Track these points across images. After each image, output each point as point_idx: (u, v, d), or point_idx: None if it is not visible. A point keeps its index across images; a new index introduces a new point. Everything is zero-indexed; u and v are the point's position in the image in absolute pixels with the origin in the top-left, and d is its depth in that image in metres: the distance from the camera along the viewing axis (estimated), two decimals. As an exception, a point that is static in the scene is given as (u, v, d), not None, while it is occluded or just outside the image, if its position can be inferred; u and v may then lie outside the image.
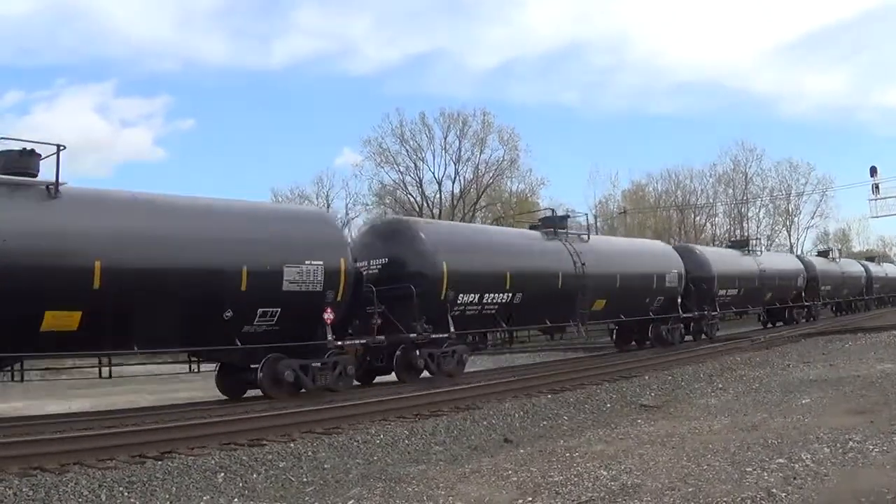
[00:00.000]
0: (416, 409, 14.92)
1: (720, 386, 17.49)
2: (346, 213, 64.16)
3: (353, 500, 8.25)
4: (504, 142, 63.93)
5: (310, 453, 11.00)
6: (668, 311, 29.46)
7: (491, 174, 64.60)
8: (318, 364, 16.94)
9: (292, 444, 11.53)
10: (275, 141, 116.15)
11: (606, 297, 25.68)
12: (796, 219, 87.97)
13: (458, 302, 20.28)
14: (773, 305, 40.82)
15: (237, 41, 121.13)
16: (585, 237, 26.55)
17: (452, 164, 63.53)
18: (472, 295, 20.69)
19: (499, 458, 10.35)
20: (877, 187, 47.54)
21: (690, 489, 7.79)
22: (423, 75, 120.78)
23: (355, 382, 18.77)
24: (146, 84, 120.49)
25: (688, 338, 31.65)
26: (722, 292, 33.25)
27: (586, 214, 37.09)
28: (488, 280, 21.18)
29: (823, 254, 54.70)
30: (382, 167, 63.69)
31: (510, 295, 21.72)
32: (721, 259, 35.03)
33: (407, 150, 63.22)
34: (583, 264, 24.27)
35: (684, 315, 30.24)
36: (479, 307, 21.04)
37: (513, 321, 22.63)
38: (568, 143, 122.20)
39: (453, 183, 63.75)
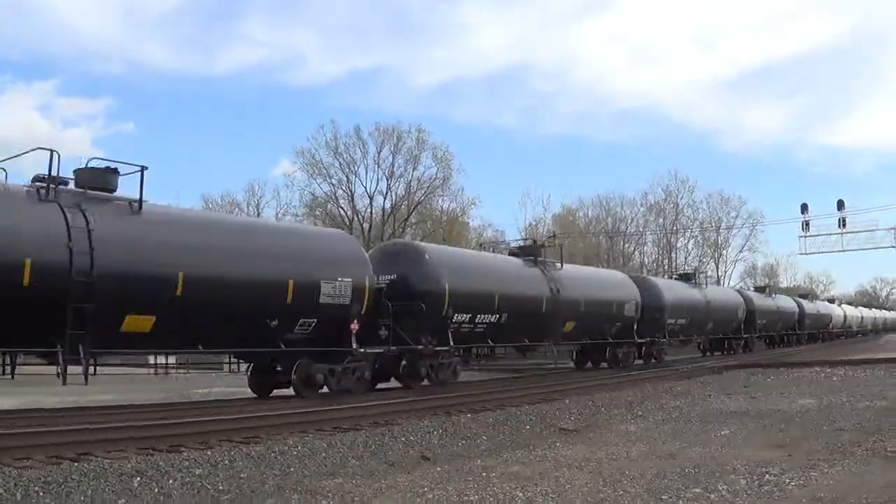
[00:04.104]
0: (336, 422, 14.88)
1: (640, 413, 17.66)
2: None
3: (268, 511, 8.23)
4: (437, 160, 64.15)
5: (227, 462, 10.90)
6: (335, 341, 19.10)
7: (423, 191, 64.69)
8: None
9: (209, 452, 11.43)
10: (213, 148, 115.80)
11: (157, 311, 15.59)
12: (725, 251, 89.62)
13: None
14: (579, 341, 30.21)
15: (183, 47, 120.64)
16: (136, 207, 16.07)
17: (385, 179, 63.56)
18: None
19: (415, 474, 10.37)
20: (807, 224, 48.72)
21: (604, 514, 7.92)
22: (366, 91, 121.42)
23: None
24: (90, 85, 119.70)
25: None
26: (462, 318, 22.55)
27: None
28: None
29: (685, 277, 44.27)
30: (315, 179, 63.51)
31: None
32: (467, 271, 23.63)
33: (340, 163, 63.14)
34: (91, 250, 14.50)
35: (362, 349, 19.57)
36: None
37: None
38: (504, 165, 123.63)
39: (385, 198, 63.79)
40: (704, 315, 39.85)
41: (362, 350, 19.54)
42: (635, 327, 32.49)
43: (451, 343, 22.34)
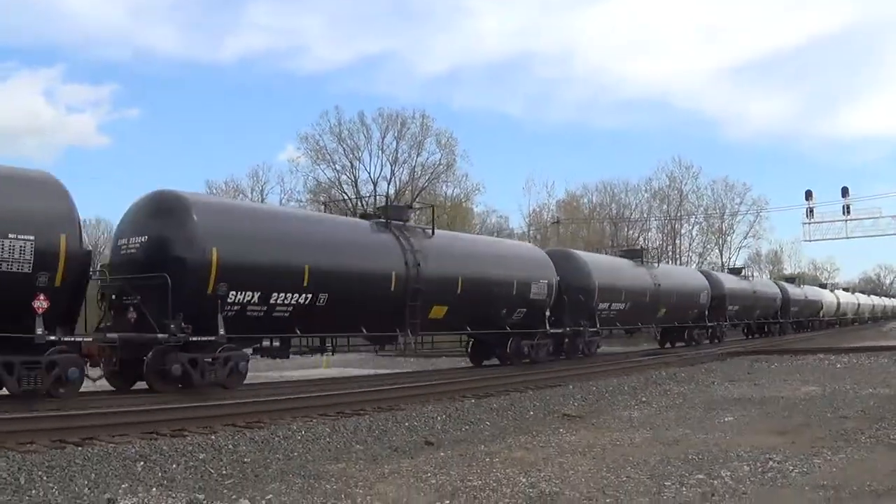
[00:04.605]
0: (339, 406, 14.89)
1: (644, 399, 17.67)
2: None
3: (271, 495, 8.21)
4: (442, 146, 64.00)
5: (230, 446, 10.92)
6: (15, 324, 13.20)
7: (427, 177, 64.56)
8: None
9: (213, 437, 11.45)
10: (219, 134, 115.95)
11: None
12: (729, 238, 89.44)
13: None
14: (456, 331, 24.93)
15: (189, 33, 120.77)
16: None
17: (389, 165, 63.43)
18: None
19: (419, 459, 10.39)
20: (811, 211, 48.67)
21: (608, 500, 7.91)
22: (370, 77, 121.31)
23: None
24: (95, 71, 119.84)
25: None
26: (245, 298, 16.49)
27: None
28: None
29: (631, 254, 36.23)
30: (319, 164, 63.45)
31: None
32: (257, 234, 17.21)
33: (344, 149, 63.04)
34: None
35: (53, 337, 13.67)
36: None
37: None
38: (508, 151, 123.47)
39: (389, 184, 63.64)
40: (653, 300, 32.97)
41: (53, 338, 13.72)
42: (548, 313, 25.76)
43: (222, 331, 15.97)
